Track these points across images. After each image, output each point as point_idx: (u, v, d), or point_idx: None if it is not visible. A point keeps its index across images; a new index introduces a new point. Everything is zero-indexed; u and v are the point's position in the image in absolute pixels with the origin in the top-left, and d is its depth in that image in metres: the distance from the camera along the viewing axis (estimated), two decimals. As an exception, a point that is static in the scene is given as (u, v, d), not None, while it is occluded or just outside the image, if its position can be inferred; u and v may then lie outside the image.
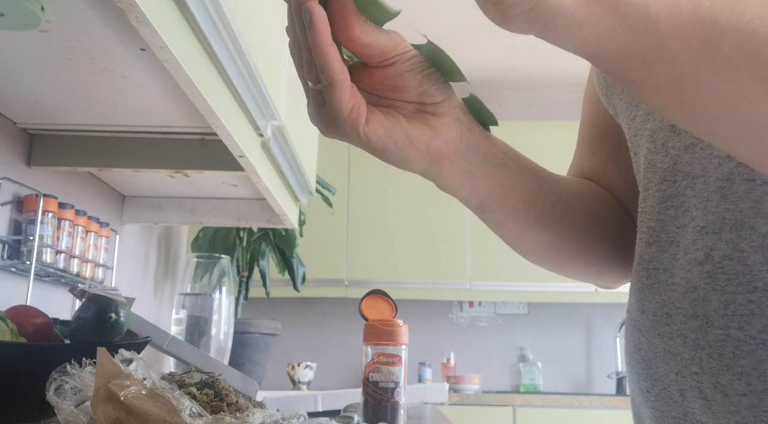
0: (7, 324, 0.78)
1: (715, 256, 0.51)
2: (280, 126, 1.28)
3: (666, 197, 0.56)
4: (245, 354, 1.96)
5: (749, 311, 0.48)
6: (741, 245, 0.49)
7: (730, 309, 0.49)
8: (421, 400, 1.33)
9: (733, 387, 0.49)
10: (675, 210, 0.55)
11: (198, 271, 1.66)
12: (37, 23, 0.79)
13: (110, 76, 1.05)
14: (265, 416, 0.67)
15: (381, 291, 0.92)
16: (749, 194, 0.49)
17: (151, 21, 0.73)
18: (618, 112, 0.65)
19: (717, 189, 0.51)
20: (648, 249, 0.57)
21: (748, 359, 0.48)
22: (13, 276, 1.30)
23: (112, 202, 1.72)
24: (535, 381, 3.74)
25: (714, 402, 0.50)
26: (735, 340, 0.49)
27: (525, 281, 3.46)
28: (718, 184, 0.51)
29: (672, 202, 0.55)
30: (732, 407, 0.49)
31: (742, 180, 0.50)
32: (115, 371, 0.58)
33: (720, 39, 0.40)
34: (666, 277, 0.55)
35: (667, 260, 0.55)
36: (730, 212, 0.50)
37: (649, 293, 0.56)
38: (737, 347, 0.48)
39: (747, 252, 0.49)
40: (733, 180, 0.50)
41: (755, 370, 0.48)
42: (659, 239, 0.56)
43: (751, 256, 0.49)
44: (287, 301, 3.80)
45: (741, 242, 0.49)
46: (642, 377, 0.57)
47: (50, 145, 1.37)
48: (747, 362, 0.48)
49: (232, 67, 1.01)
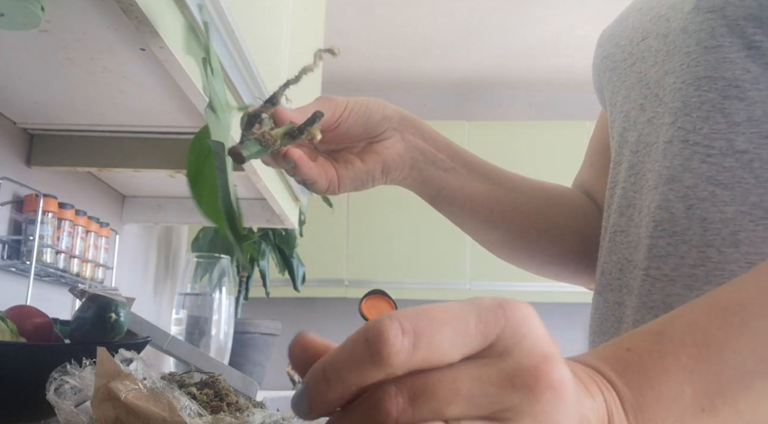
0: (7, 324, 0.78)
1: (651, 207, 0.57)
2: (280, 126, 1.28)
3: (631, 166, 0.62)
4: (245, 354, 1.96)
5: (666, 253, 0.55)
6: (669, 196, 0.56)
7: (653, 252, 0.56)
8: (421, 400, 1.33)
9: (644, 321, 0.54)
10: (635, 176, 0.61)
11: (198, 271, 1.66)
12: (37, 23, 0.79)
13: (110, 76, 1.05)
14: (265, 416, 0.67)
15: (381, 291, 0.92)
16: (682, 153, 0.56)
17: (151, 21, 0.73)
18: (606, 100, 0.70)
19: (662, 151, 0.58)
20: (615, 217, 0.63)
21: (659, 294, 0.54)
22: (13, 276, 1.30)
23: (112, 202, 1.72)
24: (535, 381, 3.74)
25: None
26: (651, 278, 0.55)
27: (525, 281, 3.46)
28: (663, 146, 0.58)
29: (634, 170, 0.61)
30: None
31: (678, 141, 0.56)
32: (115, 371, 0.58)
33: None
34: (622, 237, 0.61)
35: (624, 222, 0.61)
36: (666, 168, 0.57)
37: (607, 254, 0.63)
38: (652, 284, 0.55)
39: (672, 202, 0.55)
40: (672, 141, 0.57)
41: (663, 303, 0.54)
42: (621, 205, 0.62)
43: (675, 205, 0.55)
44: (287, 301, 3.80)
45: (669, 193, 0.56)
46: (596, 333, 0.64)
47: (50, 145, 1.37)
48: (658, 297, 0.54)
49: (232, 68, 1.01)
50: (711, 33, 0.54)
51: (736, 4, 0.52)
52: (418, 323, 0.29)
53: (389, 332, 0.29)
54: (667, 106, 0.57)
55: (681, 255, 0.54)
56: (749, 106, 0.52)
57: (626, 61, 0.64)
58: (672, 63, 0.57)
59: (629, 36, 0.64)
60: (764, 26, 0.51)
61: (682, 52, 0.56)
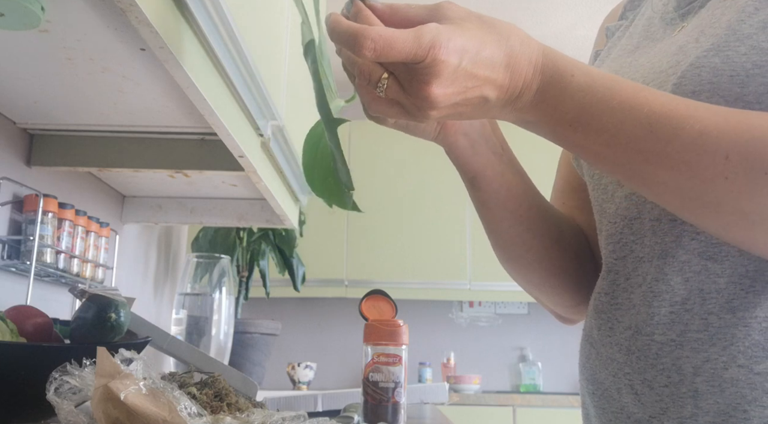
0: (7, 324, 0.78)
1: (648, 279, 0.64)
2: (280, 126, 1.28)
3: (610, 235, 0.69)
4: (245, 354, 1.96)
5: (670, 320, 0.61)
6: (665, 270, 0.62)
7: (655, 319, 0.62)
8: (421, 400, 1.33)
9: (657, 381, 0.61)
10: (614, 245, 0.68)
11: (198, 271, 1.66)
12: (37, 23, 0.79)
13: (110, 76, 1.05)
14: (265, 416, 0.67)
15: (381, 291, 0.92)
16: (672, 231, 0.62)
17: (151, 21, 0.73)
18: (584, 171, 0.78)
19: (649, 227, 0.64)
20: (602, 281, 0.70)
21: (668, 357, 0.61)
22: (13, 276, 1.30)
23: (112, 202, 1.72)
24: (535, 381, 3.74)
25: (642, 395, 0.63)
26: (658, 343, 0.62)
27: (525, 281, 3.46)
28: (650, 224, 0.64)
29: (613, 238, 0.69)
30: (656, 397, 0.61)
31: (666, 220, 0.63)
32: (115, 371, 0.58)
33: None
34: (608, 299, 0.68)
35: (608, 285, 0.68)
36: (657, 244, 0.63)
37: (602, 313, 0.69)
38: (660, 348, 0.61)
39: (669, 275, 0.62)
40: (660, 220, 0.63)
41: (673, 365, 0.60)
42: (610, 271, 0.69)
43: (672, 278, 0.62)
44: (287, 301, 3.80)
45: (665, 267, 0.62)
46: (590, 381, 0.70)
47: (50, 145, 1.37)
48: (667, 359, 0.61)
49: (232, 67, 1.01)
50: None
51: (707, 96, 0.59)
52: (382, 45, 0.54)
53: (363, 47, 0.54)
54: None
55: (685, 322, 0.60)
56: None
57: None
58: None
59: None
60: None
61: None
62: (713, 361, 0.58)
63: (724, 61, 0.58)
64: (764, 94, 0.57)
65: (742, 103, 0.57)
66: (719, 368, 0.58)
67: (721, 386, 0.57)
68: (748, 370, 0.57)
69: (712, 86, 0.58)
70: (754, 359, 0.56)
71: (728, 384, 0.57)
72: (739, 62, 0.58)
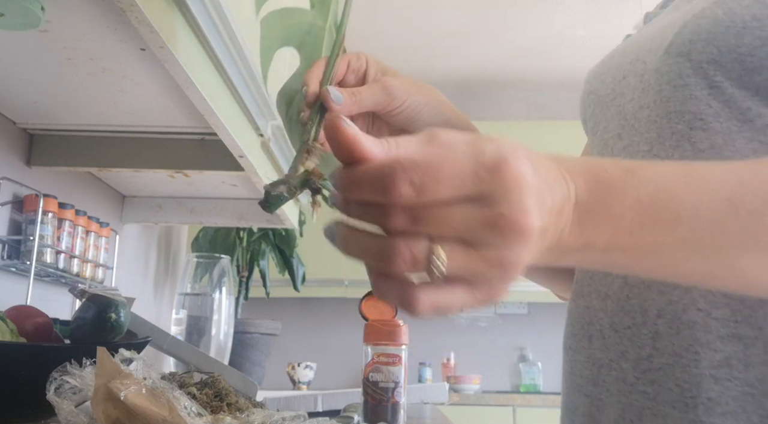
0: (7, 324, 0.78)
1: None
2: (280, 126, 1.28)
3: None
4: (245, 354, 1.96)
5: None
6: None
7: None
8: (421, 400, 1.33)
9: (622, 323, 0.62)
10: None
11: (198, 271, 1.66)
12: (37, 23, 0.79)
13: (110, 76, 1.05)
14: (265, 416, 0.67)
15: (381, 291, 0.92)
16: None
17: (151, 21, 0.73)
18: (588, 130, 0.77)
19: None
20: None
21: (636, 299, 0.62)
22: (13, 276, 1.30)
23: (112, 202, 1.72)
24: (535, 381, 3.74)
25: (609, 338, 0.64)
26: (630, 285, 0.62)
27: (525, 281, 3.45)
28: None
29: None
30: (619, 339, 0.62)
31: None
32: (115, 371, 0.58)
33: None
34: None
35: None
36: None
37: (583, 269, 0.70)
38: (630, 290, 0.62)
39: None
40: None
41: (640, 307, 0.61)
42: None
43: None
44: (287, 301, 3.80)
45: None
46: (568, 336, 0.71)
47: (50, 145, 1.37)
48: (635, 301, 0.62)
49: (232, 67, 1.01)
50: (679, 74, 0.62)
51: (699, 50, 0.60)
52: (424, 179, 0.37)
53: (400, 185, 0.37)
54: (643, 135, 0.65)
55: None
56: (711, 135, 0.60)
57: (608, 96, 0.72)
58: (647, 99, 0.65)
59: (612, 74, 0.72)
60: (723, 69, 0.59)
61: (656, 90, 0.64)
62: (675, 303, 0.59)
63: (726, 12, 0.59)
64: (758, 48, 0.57)
65: (734, 55, 0.58)
66: (679, 310, 0.59)
67: (679, 328, 0.58)
68: (706, 314, 0.58)
69: (708, 35, 0.59)
70: (714, 304, 0.57)
71: (685, 326, 0.58)
72: (740, 14, 0.58)
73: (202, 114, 1.00)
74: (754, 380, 0.55)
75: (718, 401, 0.56)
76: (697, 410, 0.56)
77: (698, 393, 0.57)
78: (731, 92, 0.59)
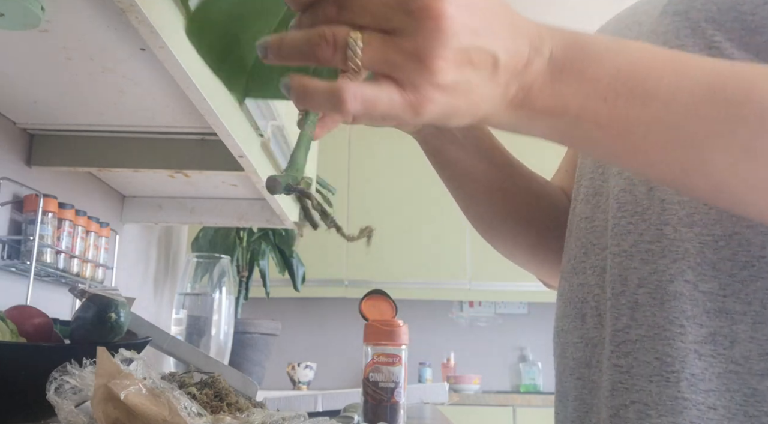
0: (7, 324, 0.78)
1: (615, 190, 0.61)
2: (280, 126, 1.28)
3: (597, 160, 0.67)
4: (245, 354, 1.96)
5: (627, 231, 0.59)
6: (633, 180, 0.60)
7: (615, 230, 0.60)
8: (421, 400, 1.33)
9: (604, 295, 0.60)
10: (603, 167, 0.65)
11: (198, 271, 1.66)
12: (37, 23, 0.79)
13: (110, 76, 1.05)
14: (265, 416, 0.67)
15: (381, 291, 0.92)
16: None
17: (151, 21, 0.73)
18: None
19: None
20: (585, 206, 0.67)
21: (617, 268, 0.59)
22: (13, 276, 1.30)
23: (112, 202, 1.72)
24: (535, 381, 3.74)
25: (603, 315, 0.60)
26: (613, 254, 0.60)
27: (525, 281, 3.46)
28: None
29: (601, 161, 0.66)
30: (616, 312, 0.59)
31: None
32: (115, 371, 0.58)
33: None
34: (586, 223, 0.65)
35: (590, 209, 0.66)
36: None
37: (572, 241, 0.67)
38: (612, 259, 0.60)
39: (636, 185, 0.59)
40: None
41: (620, 276, 0.59)
42: (587, 194, 0.66)
43: (637, 188, 0.59)
44: (287, 301, 3.80)
45: (634, 177, 0.60)
46: (559, 318, 0.68)
47: (50, 145, 1.37)
48: (616, 271, 0.59)
49: (232, 67, 1.01)
50: (676, 34, 0.59)
51: (698, 8, 0.57)
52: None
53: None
54: None
55: (640, 232, 0.58)
56: None
57: None
58: None
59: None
60: (722, 29, 0.56)
61: None
62: (660, 273, 0.56)
63: None
64: (760, 6, 0.54)
65: (735, 13, 0.55)
66: (665, 280, 0.56)
67: (662, 299, 0.56)
68: (694, 286, 0.55)
69: None
70: (702, 276, 0.55)
71: (670, 297, 0.55)
72: None
73: (202, 114, 1.00)
74: (740, 357, 0.53)
75: (701, 377, 0.54)
76: (679, 385, 0.54)
77: (681, 368, 0.54)
78: (730, 53, 0.55)
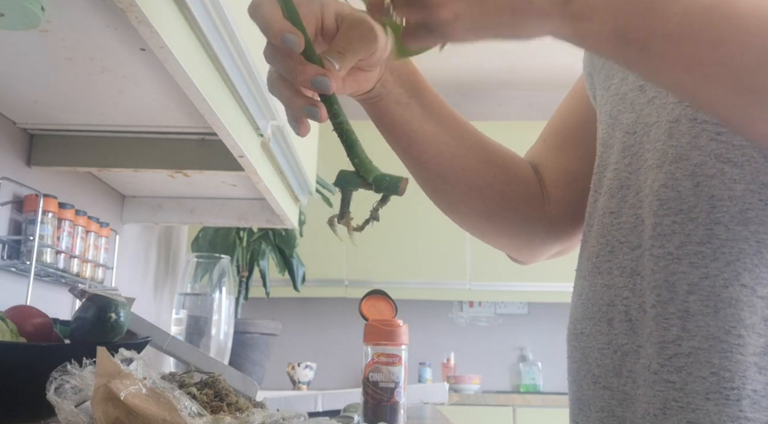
0: (7, 324, 0.78)
1: (654, 186, 0.57)
2: (280, 126, 1.28)
3: (625, 148, 0.62)
4: (245, 354, 1.96)
5: (672, 231, 0.54)
6: (676, 175, 0.55)
7: (657, 230, 0.55)
8: (421, 400, 1.33)
9: (648, 302, 0.55)
10: (630, 157, 0.61)
11: (198, 271, 1.66)
12: (37, 23, 0.79)
13: (110, 76, 1.05)
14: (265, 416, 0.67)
15: (381, 291, 0.92)
16: (690, 131, 0.55)
17: (151, 21, 0.73)
18: (597, 84, 0.71)
19: (666, 130, 0.57)
20: (610, 200, 0.62)
21: (662, 273, 0.54)
22: (13, 276, 1.30)
23: (112, 202, 1.72)
24: (535, 381, 3.74)
25: (636, 322, 0.56)
26: (655, 257, 0.55)
27: (525, 281, 3.46)
28: (667, 125, 0.57)
29: (629, 151, 0.61)
30: (664, 323, 0.54)
31: (686, 120, 0.56)
32: (115, 371, 0.58)
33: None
34: (612, 219, 0.61)
35: (615, 203, 0.61)
36: (672, 147, 0.56)
37: (594, 237, 0.62)
38: (656, 263, 0.54)
39: (680, 180, 0.55)
40: (680, 120, 0.56)
41: (666, 282, 0.53)
42: (612, 186, 0.62)
43: (682, 183, 0.55)
44: (287, 301, 3.79)
45: (676, 171, 0.55)
46: (578, 320, 0.63)
47: (50, 145, 1.37)
48: (661, 276, 0.54)
49: (232, 67, 1.01)
50: None
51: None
52: None
53: None
54: None
55: (687, 233, 0.54)
56: None
57: None
58: None
59: None
60: None
61: None
62: (713, 277, 0.51)
63: None
64: None
65: None
66: (719, 285, 0.51)
67: (717, 307, 0.51)
68: (751, 291, 0.50)
69: None
70: (760, 280, 0.50)
71: (725, 304, 0.50)
72: None
73: (202, 114, 1.00)
74: None
75: (763, 394, 0.49)
76: (740, 403, 0.49)
77: (742, 384, 0.49)
78: None
